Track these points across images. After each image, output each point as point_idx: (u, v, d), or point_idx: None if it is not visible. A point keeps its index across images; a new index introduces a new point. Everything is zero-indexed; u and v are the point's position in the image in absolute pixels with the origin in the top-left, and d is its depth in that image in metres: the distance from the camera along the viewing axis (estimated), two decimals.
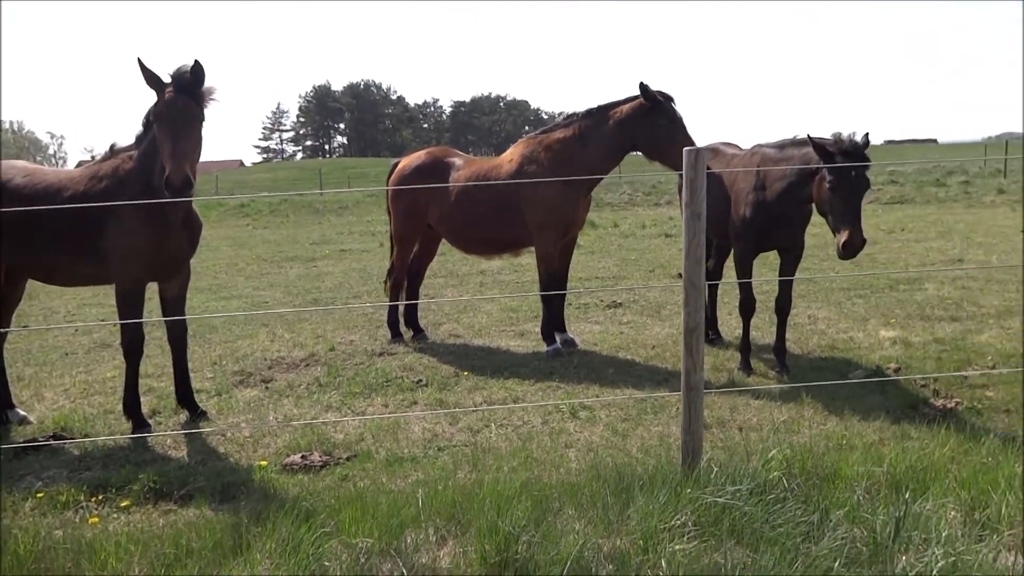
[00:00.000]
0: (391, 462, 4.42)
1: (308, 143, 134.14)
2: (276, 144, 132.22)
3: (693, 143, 5.73)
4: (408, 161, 7.46)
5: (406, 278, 7.60)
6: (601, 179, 6.85)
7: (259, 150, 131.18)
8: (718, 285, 7.21)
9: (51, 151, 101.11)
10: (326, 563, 2.96)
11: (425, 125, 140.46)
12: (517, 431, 4.95)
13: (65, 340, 7.81)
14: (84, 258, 4.87)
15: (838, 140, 5.07)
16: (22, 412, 5.36)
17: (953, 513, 2.96)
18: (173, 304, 5.19)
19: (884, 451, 4.00)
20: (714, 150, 6.72)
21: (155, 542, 3.18)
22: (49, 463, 4.51)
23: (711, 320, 7.02)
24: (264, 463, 4.41)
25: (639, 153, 6.56)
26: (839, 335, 6.98)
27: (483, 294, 9.77)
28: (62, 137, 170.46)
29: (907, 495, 3.07)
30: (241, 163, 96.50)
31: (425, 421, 5.15)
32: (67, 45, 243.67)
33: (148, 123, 4.71)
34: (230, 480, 4.18)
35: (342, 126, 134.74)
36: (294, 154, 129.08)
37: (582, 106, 6.66)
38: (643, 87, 6.09)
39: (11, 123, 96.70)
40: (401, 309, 7.54)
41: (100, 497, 3.97)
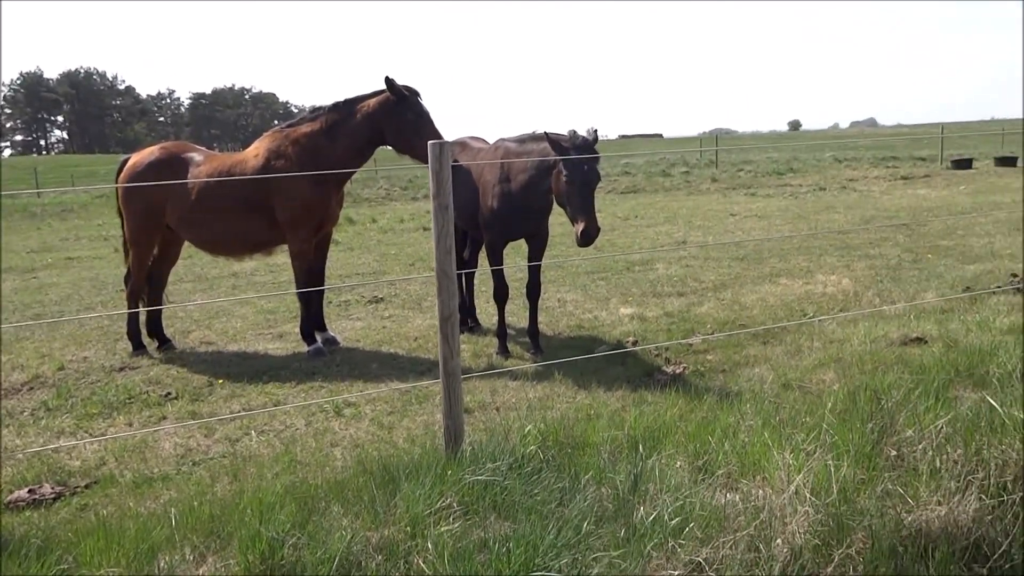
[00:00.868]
0: (139, 484, 4.08)
1: (18, 138, 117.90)
2: None
3: (440, 137, 5.87)
4: (140, 157, 6.87)
5: (146, 284, 7.01)
6: (353, 173, 6.79)
7: None
8: (474, 274, 7.46)
9: None
10: None
11: (161, 118, 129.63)
12: (279, 436, 4.79)
13: None
14: None
15: (572, 136, 5.47)
16: None
17: (680, 463, 3.34)
18: None
19: (626, 416, 4.41)
20: (461, 144, 6.94)
21: None
22: None
23: (469, 308, 7.26)
24: None
25: (391, 147, 6.59)
26: (585, 315, 7.55)
27: (236, 297, 9.27)
28: None
29: (643, 453, 3.41)
30: None
31: (177, 436, 4.81)
32: None
33: None
34: None
35: (60, 119, 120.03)
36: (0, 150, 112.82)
37: (333, 100, 6.54)
38: (389, 81, 6.12)
39: None
40: (142, 318, 6.94)
41: None
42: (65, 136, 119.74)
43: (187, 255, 7.81)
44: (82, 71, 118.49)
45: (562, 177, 5.41)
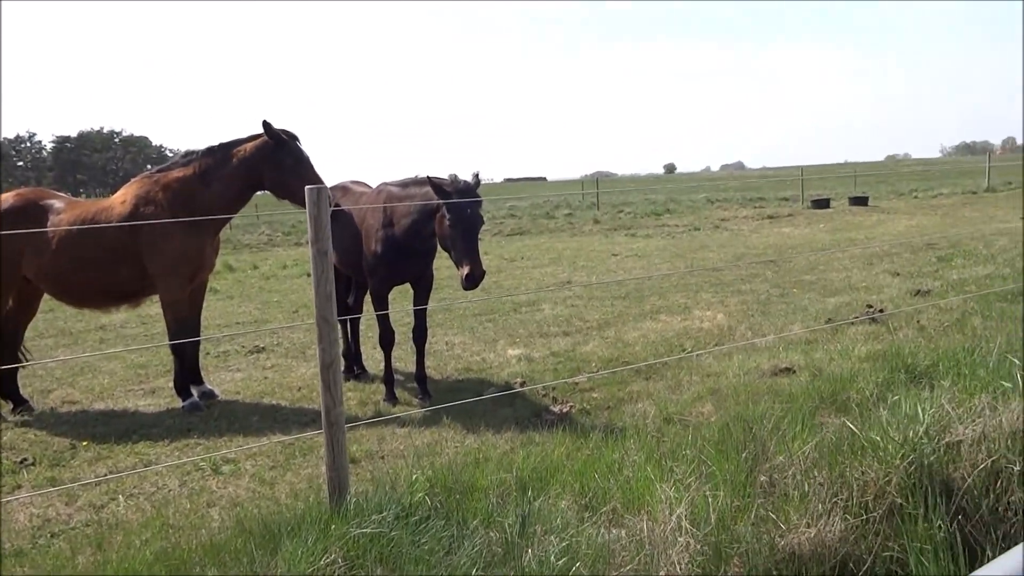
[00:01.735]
0: None
1: None
2: None
3: (320, 181, 5.80)
4: None
5: None
6: (228, 220, 6.58)
7: None
8: (359, 320, 7.34)
9: None
10: None
11: (20, 163, 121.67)
12: (150, 499, 4.50)
13: None
14: None
15: (454, 180, 5.52)
16: None
17: (567, 503, 3.37)
18: None
19: (514, 458, 4.41)
20: (343, 188, 6.88)
21: None
22: None
23: (355, 355, 7.13)
24: None
25: (270, 192, 6.45)
26: (473, 357, 7.55)
27: (103, 351, 8.71)
28: None
29: (530, 494, 3.42)
30: None
31: (33, 505, 4.43)
32: None
33: None
34: None
35: None
36: None
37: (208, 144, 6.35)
38: (267, 125, 6.01)
39: None
40: None
41: None
42: None
43: (48, 308, 7.30)
44: None
45: (445, 221, 5.44)
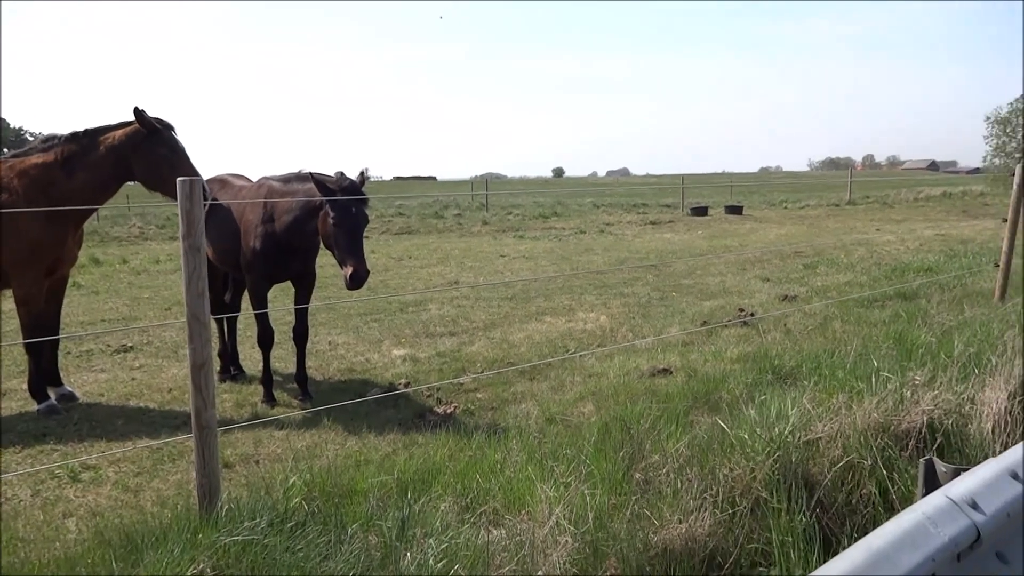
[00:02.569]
0: None
1: None
2: None
3: (196, 173, 5.53)
4: None
5: None
6: (93, 211, 6.17)
7: None
8: (237, 319, 7.06)
9: None
10: None
11: None
12: None
13: None
14: None
15: (339, 177, 5.40)
16: None
17: (448, 504, 3.35)
18: None
19: (396, 460, 4.36)
20: (221, 181, 6.59)
21: None
22: None
23: (232, 355, 6.85)
24: None
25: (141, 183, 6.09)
26: (357, 358, 7.41)
27: None
28: None
29: (410, 497, 3.38)
30: None
31: None
32: None
33: None
34: None
35: None
36: None
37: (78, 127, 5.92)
38: (139, 113, 5.67)
39: None
40: None
41: None
42: None
43: None
44: None
45: (329, 219, 5.31)
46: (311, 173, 5.45)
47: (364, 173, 5.62)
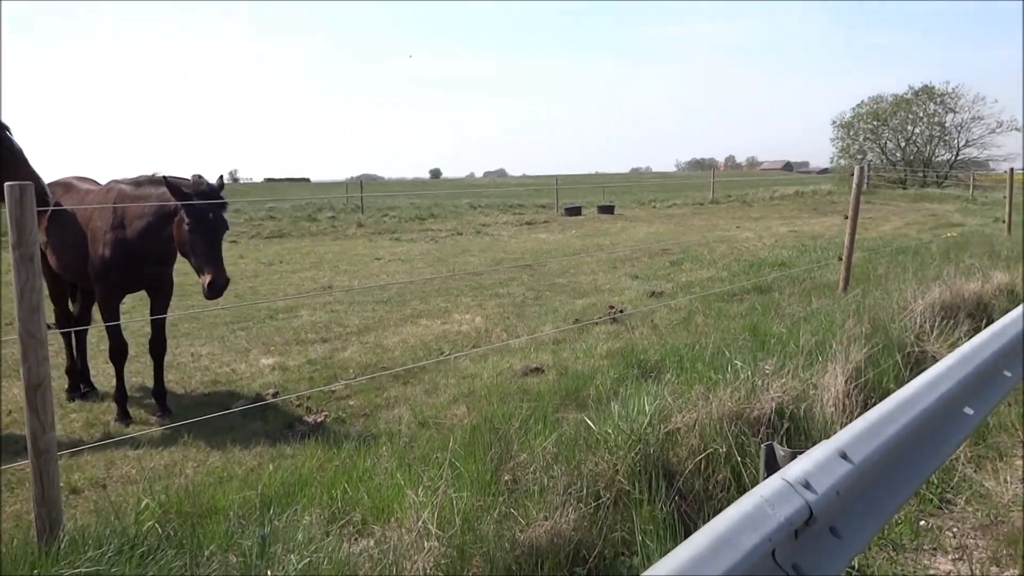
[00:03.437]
0: None
1: None
2: None
3: (36, 178, 5.13)
4: None
5: None
6: None
7: None
8: (87, 332, 6.60)
9: None
10: None
11: None
12: None
13: None
14: None
15: (196, 181, 5.15)
16: None
17: (313, 517, 3.26)
18: None
19: (262, 474, 4.20)
20: (65, 185, 6.16)
21: None
22: None
23: (82, 372, 6.40)
24: None
25: None
26: (222, 368, 7.09)
27: None
28: None
29: (272, 512, 3.27)
30: None
31: None
32: None
33: None
34: None
35: None
36: None
37: None
38: None
39: None
40: None
41: None
42: None
43: None
44: None
45: (184, 225, 5.05)
46: (164, 176, 5.16)
47: (222, 177, 5.38)
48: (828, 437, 2.60)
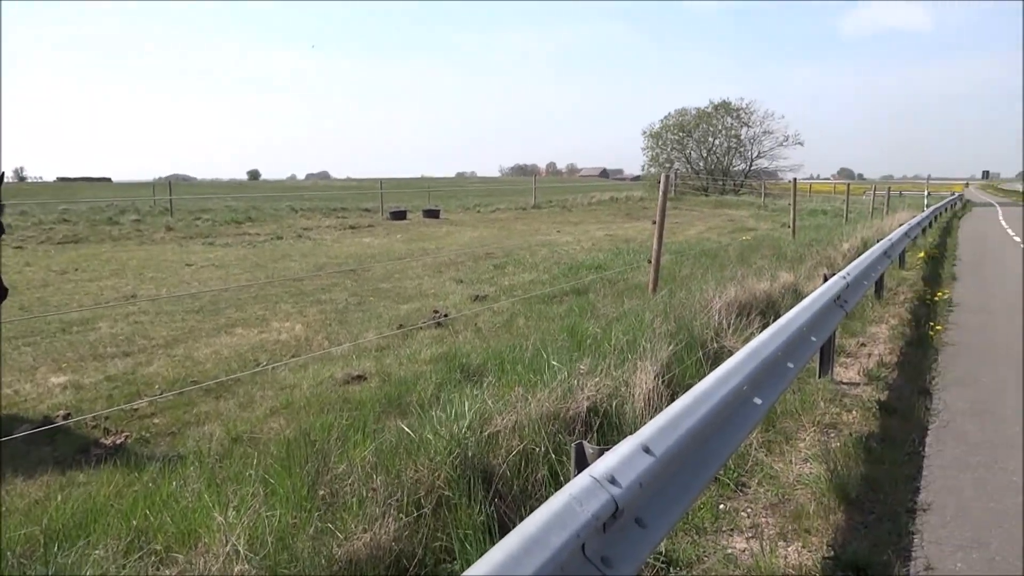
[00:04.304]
0: None
1: None
2: None
3: None
4: None
5: None
6: None
7: None
8: None
9: None
10: None
11: None
12: None
13: None
14: None
15: None
16: None
17: (106, 549, 2.98)
18: None
19: (48, 506, 3.80)
20: None
21: None
22: None
23: None
24: None
25: None
26: (4, 390, 6.35)
27: None
28: None
29: (57, 548, 2.96)
30: None
31: None
32: None
33: None
34: None
35: None
36: None
37: None
38: None
39: None
40: None
41: None
42: None
43: None
44: None
45: None
46: None
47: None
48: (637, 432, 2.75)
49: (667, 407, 2.88)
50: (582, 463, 2.47)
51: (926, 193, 44.91)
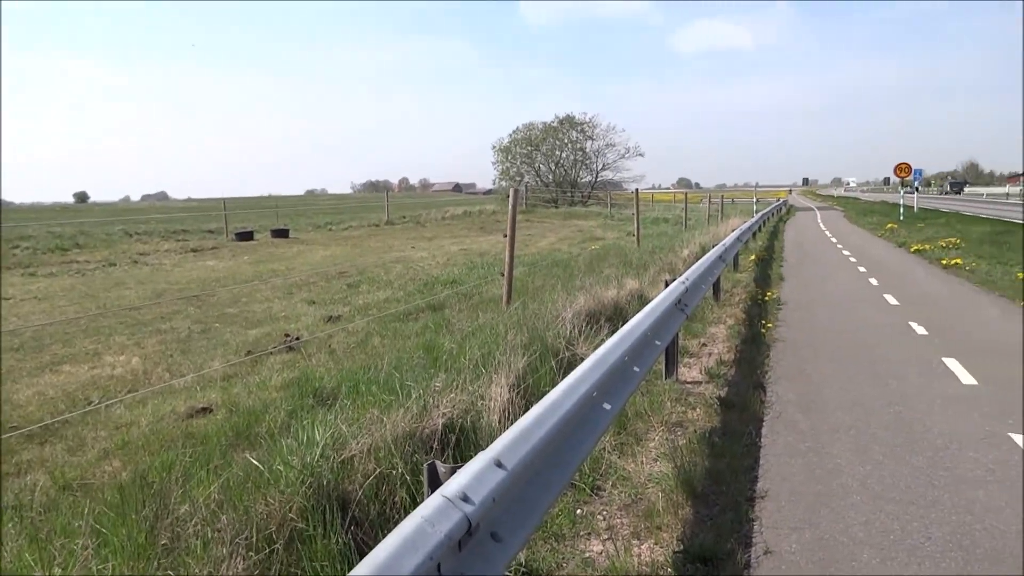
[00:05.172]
0: None
1: None
2: None
3: None
4: None
5: None
6: None
7: None
8: None
9: None
10: None
11: None
12: None
13: None
14: None
15: None
16: None
17: None
18: None
19: None
20: None
21: None
22: None
23: None
24: None
25: None
26: None
27: None
28: None
29: None
30: None
31: None
32: None
33: None
34: None
35: None
36: None
37: None
38: None
39: None
40: None
41: None
42: None
43: None
44: None
45: None
46: None
47: None
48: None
49: (518, 420, 2.92)
50: (435, 483, 2.45)
51: (755, 200, 48.52)
